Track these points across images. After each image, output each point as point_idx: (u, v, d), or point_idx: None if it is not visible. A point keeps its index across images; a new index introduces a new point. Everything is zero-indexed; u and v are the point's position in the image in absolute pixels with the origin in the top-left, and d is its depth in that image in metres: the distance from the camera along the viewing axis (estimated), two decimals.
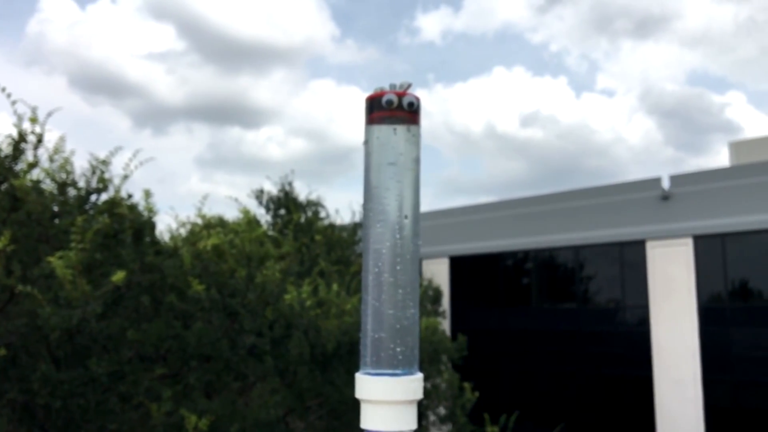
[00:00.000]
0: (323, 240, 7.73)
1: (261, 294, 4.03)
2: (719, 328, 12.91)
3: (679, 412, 12.95)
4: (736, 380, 12.63)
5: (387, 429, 1.13)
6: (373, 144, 1.26)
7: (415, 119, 1.26)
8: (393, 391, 1.14)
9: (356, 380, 1.20)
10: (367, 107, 1.25)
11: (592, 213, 14.81)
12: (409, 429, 1.15)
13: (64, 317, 3.32)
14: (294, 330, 4.28)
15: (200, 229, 4.23)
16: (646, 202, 13.94)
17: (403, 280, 1.22)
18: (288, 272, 4.38)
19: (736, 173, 13.26)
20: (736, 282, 12.86)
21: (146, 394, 3.74)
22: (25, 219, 3.62)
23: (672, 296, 13.26)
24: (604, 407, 14.43)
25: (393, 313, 1.19)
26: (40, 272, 3.57)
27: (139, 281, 3.69)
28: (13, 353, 3.61)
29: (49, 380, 3.53)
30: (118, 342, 3.69)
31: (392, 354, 1.17)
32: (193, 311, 3.89)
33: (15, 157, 3.81)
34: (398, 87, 1.25)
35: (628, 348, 14.10)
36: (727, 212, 12.77)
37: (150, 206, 3.68)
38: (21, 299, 3.55)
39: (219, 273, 3.93)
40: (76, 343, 3.61)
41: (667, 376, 13.23)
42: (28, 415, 3.75)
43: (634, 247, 14.03)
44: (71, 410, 3.60)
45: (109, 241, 3.67)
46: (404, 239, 1.21)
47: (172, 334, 3.78)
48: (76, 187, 3.85)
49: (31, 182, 3.69)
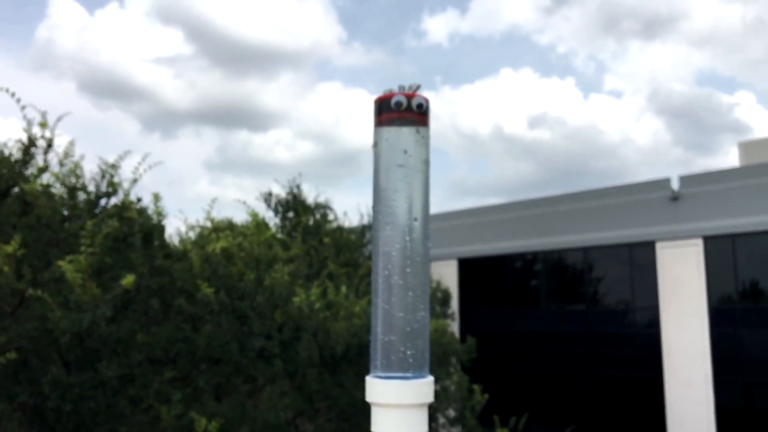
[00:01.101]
0: (332, 242, 7.75)
1: (270, 297, 4.04)
2: (730, 329, 12.80)
3: (689, 413, 12.83)
4: (747, 381, 12.50)
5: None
6: (382, 146, 1.25)
7: (424, 121, 1.25)
8: (404, 395, 1.13)
9: (367, 383, 1.19)
10: (376, 109, 1.24)
11: (601, 214, 14.73)
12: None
13: (74, 321, 3.34)
14: (303, 332, 4.28)
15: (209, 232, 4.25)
16: (656, 203, 13.85)
17: (413, 282, 1.21)
18: (297, 275, 4.39)
19: (746, 173, 13.15)
20: (747, 283, 12.74)
21: (156, 397, 3.75)
22: (35, 223, 3.65)
23: (682, 297, 13.16)
24: (613, 409, 14.33)
25: (403, 316, 1.18)
26: (51, 276, 3.60)
27: (148, 285, 3.71)
28: (23, 357, 3.64)
29: (60, 383, 3.55)
30: (127, 345, 3.70)
31: (403, 357, 1.16)
32: (203, 314, 3.90)
33: (25, 162, 3.84)
34: (407, 89, 1.24)
35: (638, 350, 14.00)
36: (737, 213, 12.66)
37: (159, 210, 3.70)
38: (31, 303, 3.58)
39: (228, 276, 3.94)
40: (86, 346, 3.63)
41: (677, 378, 13.12)
42: (39, 418, 3.77)
43: (644, 248, 13.93)
44: (81, 413, 3.62)
45: (118, 245, 3.69)
46: (414, 242, 1.20)
47: (182, 337, 3.80)
48: (86, 191, 3.88)
49: (41, 186, 3.72)
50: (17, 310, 3.60)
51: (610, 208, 14.57)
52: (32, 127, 3.83)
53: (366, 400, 1.18)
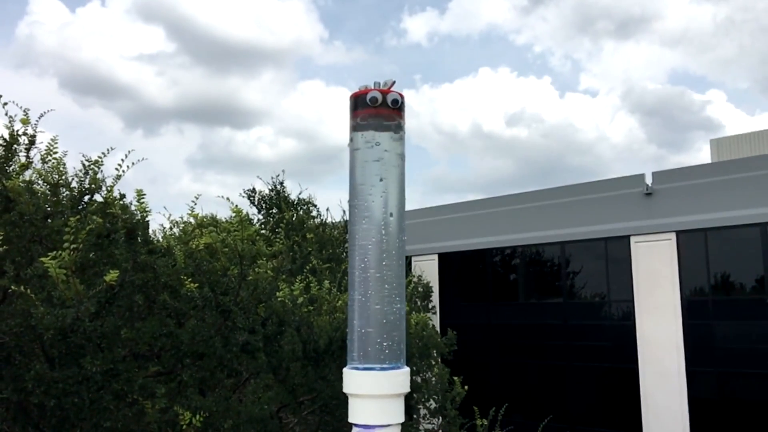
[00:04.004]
0: (314, 238, 7.81)
1: (253, 292, 4.09)
2: (702, 321, 13.17)
3: (664, 403, 13.19)
4: (719, 372, 12.89)
5: (375, 423, 1.15)
6: (358, 141, 1.28)
7: (399, 116, 1.27)
8: (380, 385, 1.16)
9: (344, 375, 1.21)
10: (352, 104, 1.24)
11: (577, 209, 15.00)
12: (396, 422, 1.17)
13: (57, 317, 3.37)
14: (286, 327, 4.35)
15: (193, 228, 4.29)
16: (630, 199, 14.15)
17: (389, 275, 1.25)
18: (280, 270, 4.45)
19: (718, 170, 13.51)
20: (718, 276, 13.11)
21: (140, 391, 3.79)
22: (17, 219, 3.66)
23: (656, 290, 13.49)
24: (590, 399, 14.65)
25: (380, 308, 1.21)
26: (34, 272, 3.61)
27: (132, 280, 3.74)
28: (6, 353, 3.65)
29: (44, 379, 3.57)
30: (111, 341, 3.73)
31: (379, 348, 1.19)
32: (187, 309, 3.95)
33: (7, 159, 3.84)
34: (382, 85, 1.29)
35: (614, 341, 14.32)
36: (709, 208, 13.01)
37: (143, 206, 3.73)
38: (14, 299, 3.59)
39: (212, 271, 3.99)
40: (70, 342, 3.65)
41: (652, 369, 13.47)
42: (23, 413, 3.78)
43: (619, 243, 14.24)
44: (65, 409, 3.65)
45: (102, 241, 3.72)
46: (390, 236, 1.23)
47: (166, 332, 3.84)
48: (69, 187, 3.89)
49: (23, 183, 3.73)
50: (0, 306, 3.61)
51: (585, 204, 14.85)
52: (14, 124, 3.83)
53: (343, 391, 1.24)
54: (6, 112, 3.79)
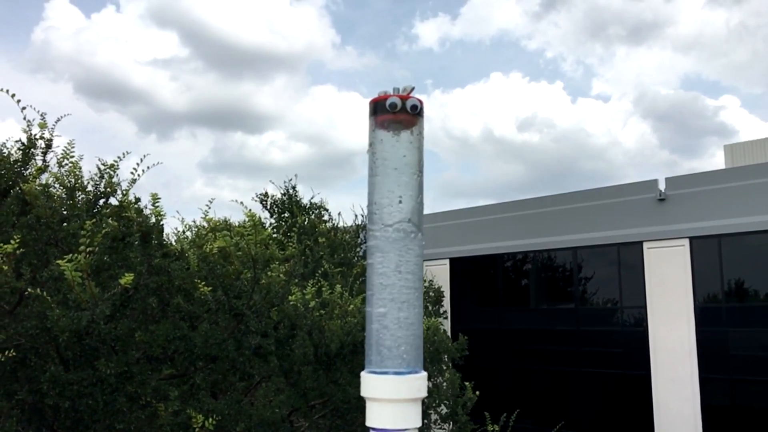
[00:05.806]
0: (326, 242, 7.83)
1: (266, 295, 4.11)
2: (715, 328, 13.02)
3: (676, 410, 13.04)
4: (732, 379, 12.72)
5: (392, 427, 1.14)
6: (376, 147, 1.29)
7: (418, 122, 1.28)
8: (398, 390, 1.16)
9: (362, 379, 1.20)
10: (371, 110, 1.25)
11: (590, 215, 14.91)
12: (414, 427, 1.17)
13: (73, 319, 3.40)
14: (298, 331, 4.36)
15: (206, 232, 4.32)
16: (643, 204, 14.05)
17: (408, 279, 1.25)
18: (292, 274, 4.46)
19: (731, 175, 13.37)
20: (732, 282, 12.97)
21: (154, 394, 3.81)
22: (34, 223, 3.70)
23: (669, 296, 13.36)
24: (602, 406, 14.51)
25: (397, 313, 1.20)
26: (49, 275, 3.65)
27: (146, 283, 3.76)
28: (22, 355, 3.68)
29: (58, 381, 3.60)
30: (126, 343, 3.76)
31: (397, 353, 1.19)
32: (200, 313, 3.97)
33: (24, 162, 3.89)
34: (401, 91, 1.29)
35: (626, 347, 14.19)
36: (722, 214, 12.88)
37: (157, 210, 3.76)
38: (30, 302, 3.63)
39: (225, 275, 4.01)
40: (85, 344, 3.68)
41: (664, 375, 13.33)
42: (37, 415, 3.82)
43: (631, 249, 14.13)
44: (80, 410, 3.67)
45: (117, 245, 3.75)
46: (408, 240, 1.25)
47: (179, 335, 3.86)
48: (85, 191, 3.93)
49: (40, 186, 3.77)
50: (16, 308, 3.65)
51: (598, 209, 14.76)
52: (32, 128, 3.88)
53: (361, 395, 1.23)
54: (24, 116, 3.84)
